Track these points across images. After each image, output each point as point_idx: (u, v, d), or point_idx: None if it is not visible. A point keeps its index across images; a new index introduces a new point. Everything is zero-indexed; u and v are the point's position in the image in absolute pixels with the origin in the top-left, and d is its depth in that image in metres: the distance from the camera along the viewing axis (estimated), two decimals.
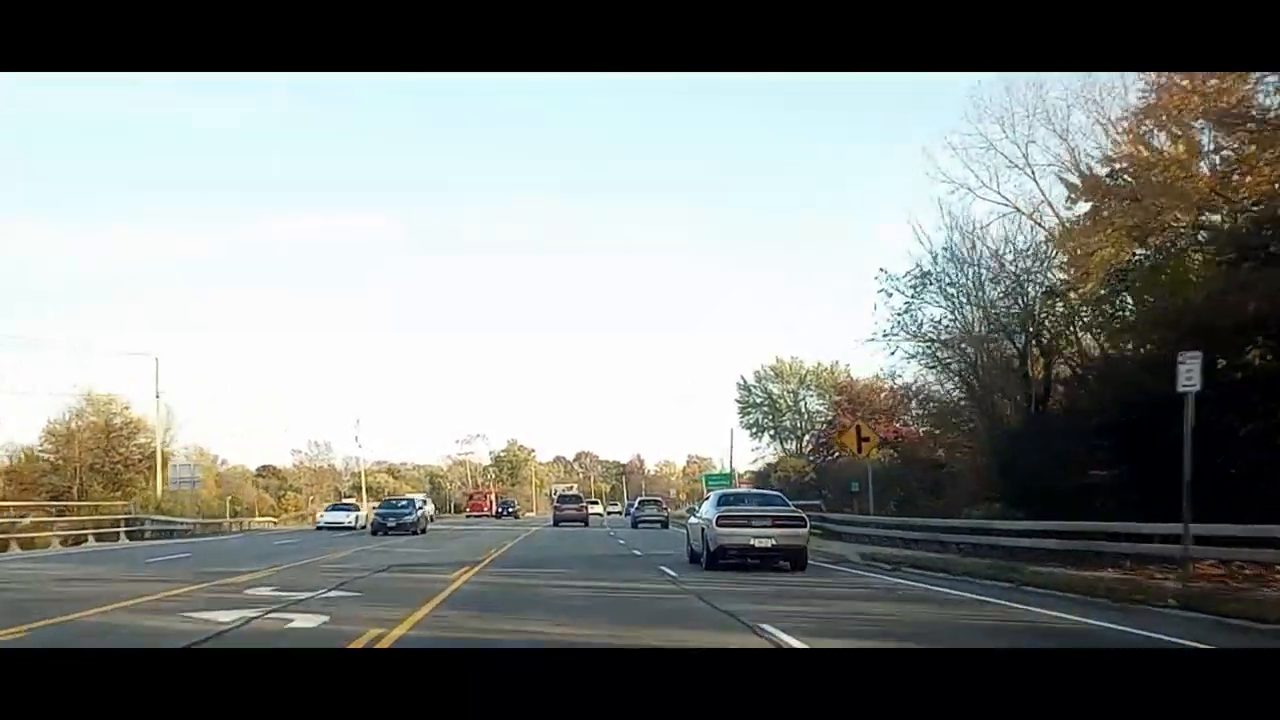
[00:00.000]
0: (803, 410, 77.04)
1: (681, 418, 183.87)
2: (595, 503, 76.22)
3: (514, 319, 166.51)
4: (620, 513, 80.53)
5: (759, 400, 78.71)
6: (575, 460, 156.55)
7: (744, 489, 35.19)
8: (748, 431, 79.56)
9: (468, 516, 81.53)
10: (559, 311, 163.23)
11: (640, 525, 47.23)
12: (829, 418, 74.39)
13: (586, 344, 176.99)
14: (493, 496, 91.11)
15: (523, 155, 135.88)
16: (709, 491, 43.93)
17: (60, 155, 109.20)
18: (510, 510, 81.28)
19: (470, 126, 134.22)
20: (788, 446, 78.06)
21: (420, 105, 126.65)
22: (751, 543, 16.65)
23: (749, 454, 78.87)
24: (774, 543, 16.73)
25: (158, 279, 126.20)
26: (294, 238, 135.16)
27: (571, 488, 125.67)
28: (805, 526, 17.58)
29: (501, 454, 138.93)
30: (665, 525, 46.36)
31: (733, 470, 69.15)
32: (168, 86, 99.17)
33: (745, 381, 79.04)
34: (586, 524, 51.67)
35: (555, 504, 60.09)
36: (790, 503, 19.99)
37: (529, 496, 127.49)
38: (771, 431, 78.57)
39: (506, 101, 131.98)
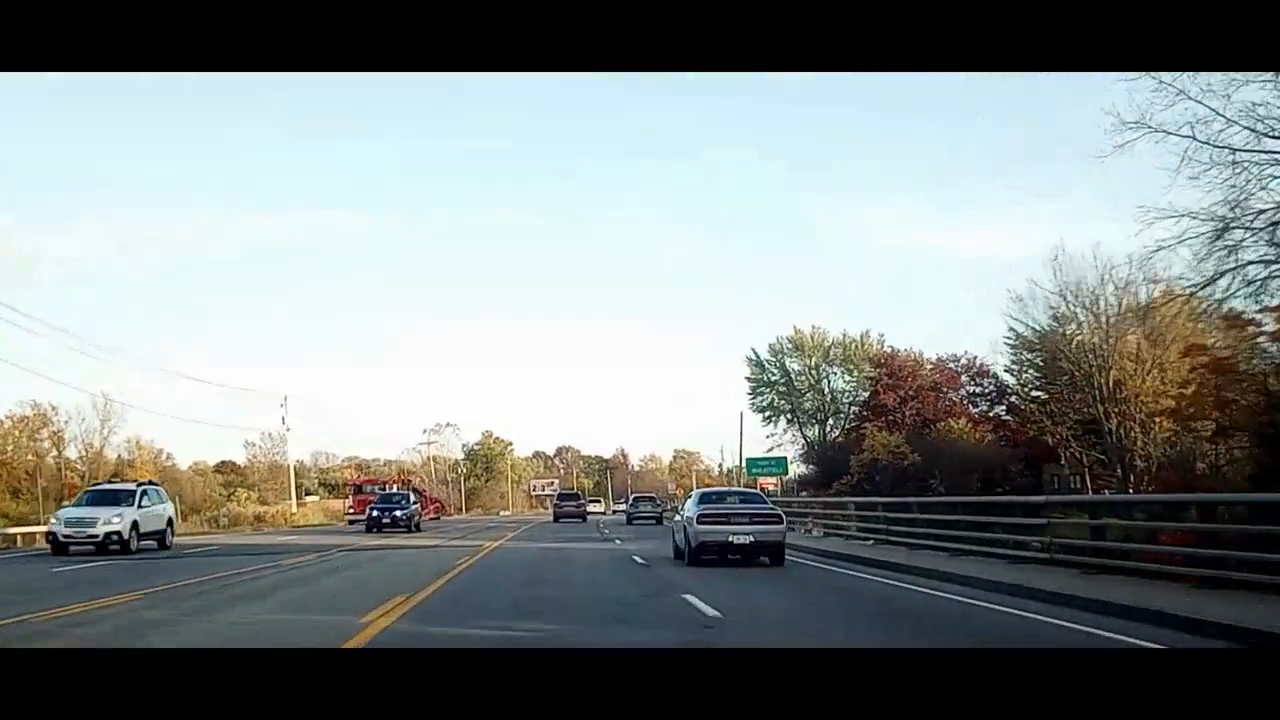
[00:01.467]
0: (825, 389, 65.29)
1: (668, 410, 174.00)
2: (598, 501, 70.72)
3: (491, 309, 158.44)
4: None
5: (774, 378, 66.85)
6: (556, 455, 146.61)
7: (725, 488, 33.76)
8: (760, 415, 67.86)
9: (349, 521, 54.52)
10: (538, 301, 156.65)
11: (635, 521, 46.33)
12: (861, 395, 62.87)
13: (567, 333, 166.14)
14: (393, 489, 54.22)
15: (498, 149, 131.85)
16: (755, 480, 35.00)
17: None
18: (395, 513, 40.09)
19: (447, 121, 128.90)
20: (808, 433, 66.41)
21: (396, 101, 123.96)
22: (730, 539, 17.07)
23: (763, 441, 67.14)
24: (752, 539, 17.12)
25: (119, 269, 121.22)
26: (266, 236, 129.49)
27: (553, 483, 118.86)
28: (783, 523, 18.21)
29: (475, 447, 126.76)
30: (659, 521, 45.26)
31: (737, 459, 57.38)
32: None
33: (758, 356, 67.18)
34: (584, 520, 52.43)
35: (555, 502, 59.24)
36: (767, 500, 20.74)
37: (504, 493, 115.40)
38: (789, 414, 66.80)
39: (485, 99, 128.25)
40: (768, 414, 67.26)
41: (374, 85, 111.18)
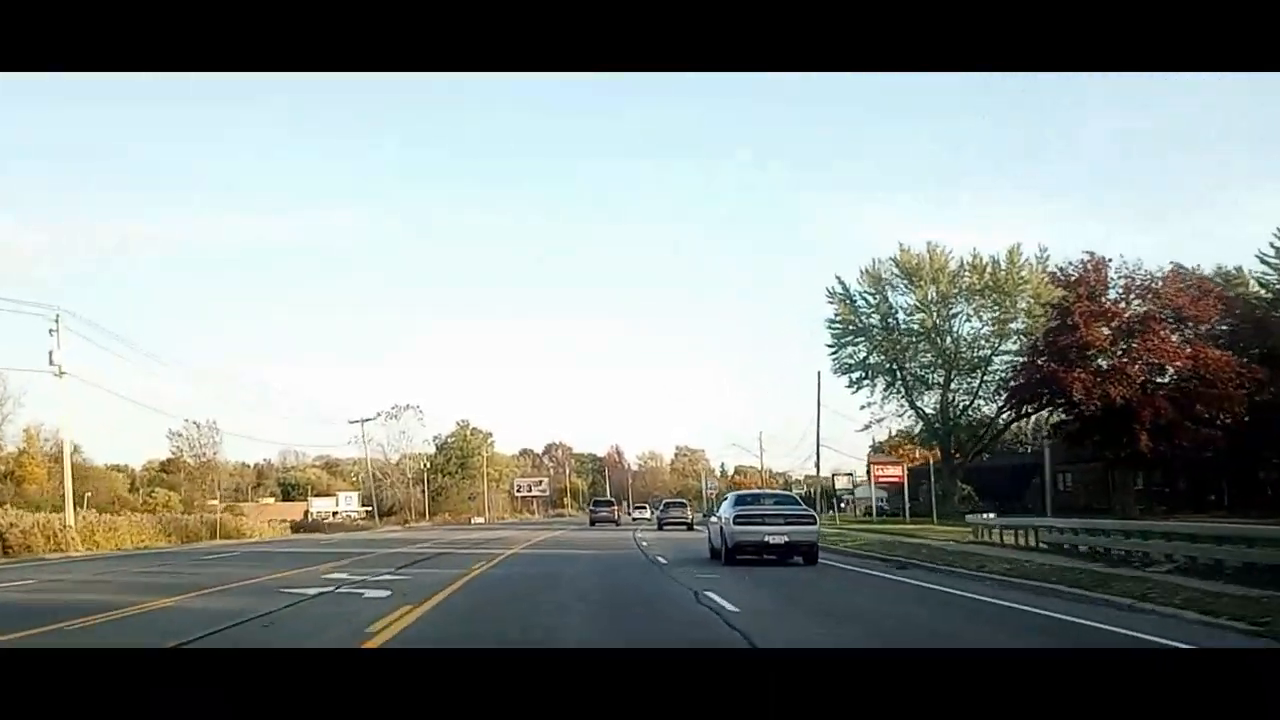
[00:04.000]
0: (950, 336, 43.65)
1: (665, 407, 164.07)
2: (643, 508, 66.48)
3: (486, 307, 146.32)
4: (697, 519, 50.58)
5: (868, 322, 45.19)
6: (545, 453, 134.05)
7: (760, 490, 32.46)
8: (845, 377, 46.28)
9: None
10: (531, 299, 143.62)
11: (665, 527, 42.05)
12: (1006, 345, 41.50)
13: (558, 330, 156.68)
14: None
15: (499, 149, 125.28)
16: None
17: None
18: None
19: (446, 121, 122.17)
20: (922, 402, 44.84)
21: (395, 101, 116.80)
22: (766, 539, 17.16)
23: (857, 413, 46.15)
24: (787, 539, 17.18)
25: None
26: (262, 235, 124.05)
27: (541, 482, 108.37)
28: (815, 524, 18.66)
29: (449, 440, 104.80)
30: (690, 527, 41.10)
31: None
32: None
33: (845, 289, 45.30)
34: (618, 524, 50.59)
35: (591, 508, 58.51)
36: (801, 502, 21.01)
37: (475, 494, 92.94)
38: (889, 375, 45.21)
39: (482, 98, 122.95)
40: (858, 375, 45.65)
41: (371, 85, 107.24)
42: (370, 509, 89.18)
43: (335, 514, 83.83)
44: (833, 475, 59.76)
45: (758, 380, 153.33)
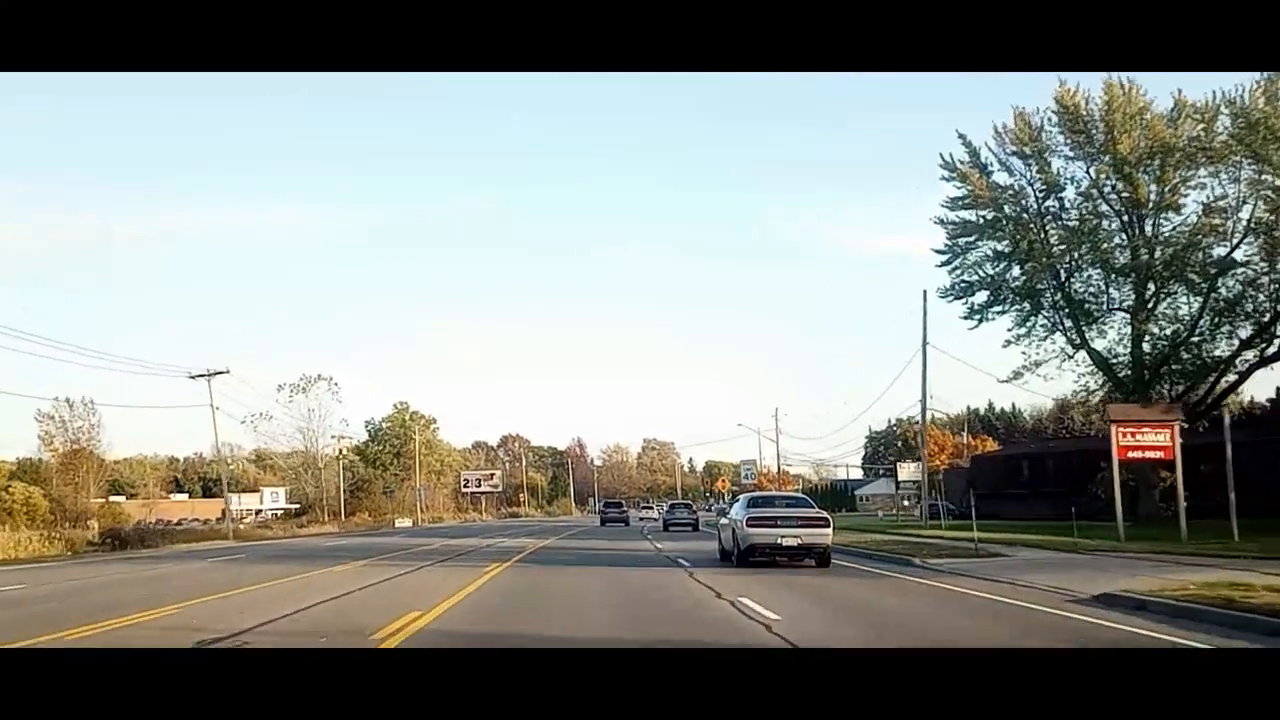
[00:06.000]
0: (1149, 224, 26.85)
1: (629, 397, 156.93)
2: (649, 507, 65.97)
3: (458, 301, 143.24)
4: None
5: (1006, 211, 28.27)
6: (500, 446, 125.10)
7: (772, 492, 32.37)
8: (959, 301, 29.44)
9: None
10: (496, 291, 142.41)
11: (671, 528, 41.28)
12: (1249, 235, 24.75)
13: (521, 320, 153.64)
14: None
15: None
16: None
17: None
18: None
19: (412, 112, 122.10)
20: (1100, 337, 27.98)
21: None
22: (779, 541, 17.36)
23: (985, 350, 30.49)
24: (800, 541, 17.39)
25: None
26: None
27: (492, 476, 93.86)
28: (829, 527, 18.24)
29: (384, 425, 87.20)
30: (695, 528, 40.82)
31: None
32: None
33: (973, 152, 28.18)
34: (627, 524, 51.24)
35: (602, 509, 58.33)
36: (813, 503, 20.35)
37: (400, 489, 74.83)
38: (1032, 300, 28.43)
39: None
40: (983, 295, 28.83)
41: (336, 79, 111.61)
42: (298, 505, 74.26)
43: (258, 512, 73.51)
44: (895, 464, 42.94)
45: (744, 371, 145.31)
